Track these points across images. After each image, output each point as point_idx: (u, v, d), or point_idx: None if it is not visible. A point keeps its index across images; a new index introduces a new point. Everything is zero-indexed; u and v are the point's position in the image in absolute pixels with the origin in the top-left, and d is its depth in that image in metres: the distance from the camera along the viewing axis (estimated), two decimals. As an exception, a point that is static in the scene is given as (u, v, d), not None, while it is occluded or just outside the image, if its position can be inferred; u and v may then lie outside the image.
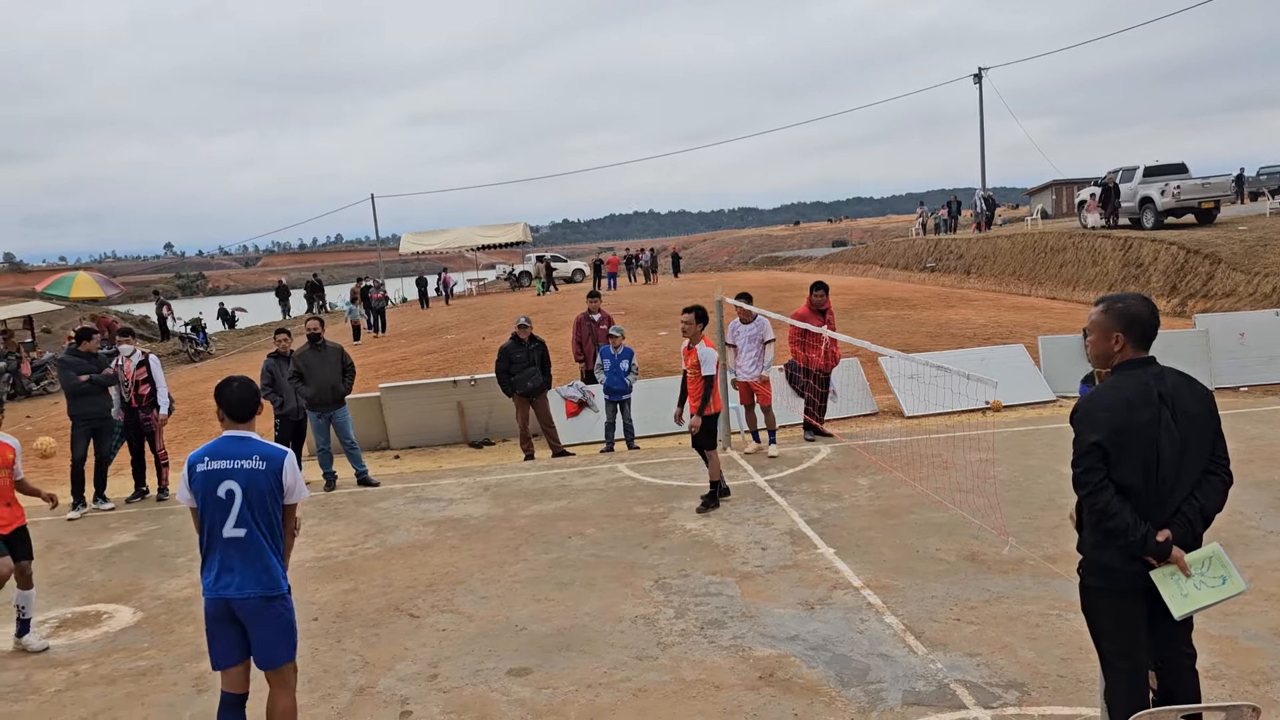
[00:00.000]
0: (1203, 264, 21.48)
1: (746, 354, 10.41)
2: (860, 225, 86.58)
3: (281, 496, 4.30)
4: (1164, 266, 22.68)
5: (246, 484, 4.20)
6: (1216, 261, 21.13)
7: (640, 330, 21.56)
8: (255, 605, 4.21)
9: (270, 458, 4.26)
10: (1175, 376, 3.59)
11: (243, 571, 4.21)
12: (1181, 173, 27.06)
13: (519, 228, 51.38)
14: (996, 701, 4.74)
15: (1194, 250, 22.12)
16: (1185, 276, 21.72)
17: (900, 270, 38.72)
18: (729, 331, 10.60)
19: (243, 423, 4.34)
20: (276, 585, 4.25)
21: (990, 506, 7.46)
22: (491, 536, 8.10)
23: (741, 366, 10.44)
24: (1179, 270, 22.06)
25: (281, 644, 4.31)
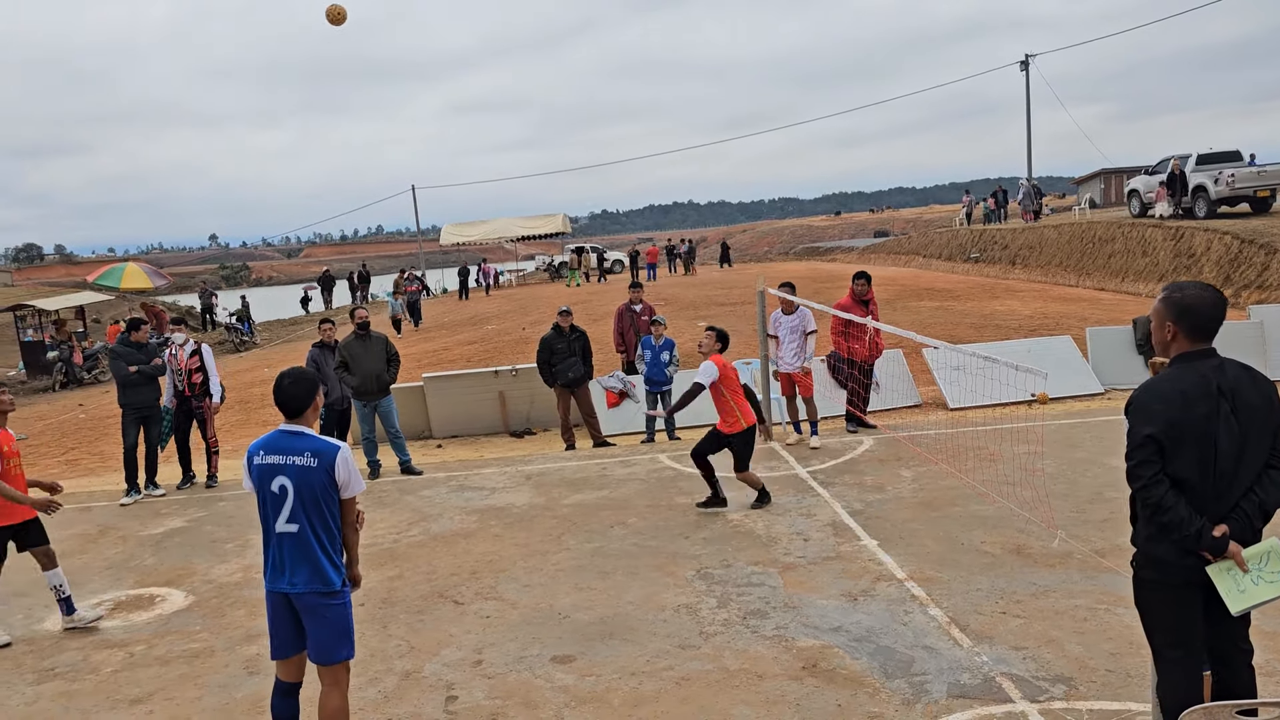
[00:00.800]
0: (1258, 254, 21.00)
1: (789, 345, 10.36)
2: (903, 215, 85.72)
3: (337, 492, 4.26)
4: (1217, 257, 22.21)
5: (298, 480, 4.19)
6: (1272, 251, 20.64)
7: (680, 321, 21.53)
8: (310, 601, 4.23)
9: (323, 454, 4.22)
10: (1236, 369, 3.52)
11: (295, 567, 4.22)
12: (1236, 160, 26.47)
13: (559, 219, 51.51)
14: (1043, 695, 4.69)
15: (1248, 240, 21.62)
16: (1239, 267, 21.25)
17: (944, 261, 38.28)
18: (771, 322, 10.55)
19: (296, 417, 4.33)
20: (329, 582, 4.23)
21: (1037, 499, 7.36)
22: (534, 525, 8.15)
23: (784, 358, 10.40)
24: (1233, 260, 21.59)
25: (335, 641, 4.28)
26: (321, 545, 4.23)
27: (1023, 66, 46.16)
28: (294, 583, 4.22)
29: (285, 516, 4.23)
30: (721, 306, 24.60)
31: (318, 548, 4.22)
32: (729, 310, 23.54)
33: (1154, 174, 28.61)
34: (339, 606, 4.27)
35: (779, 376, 10.53)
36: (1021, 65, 46.22)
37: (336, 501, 4.28)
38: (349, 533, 4.38)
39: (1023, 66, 46.16)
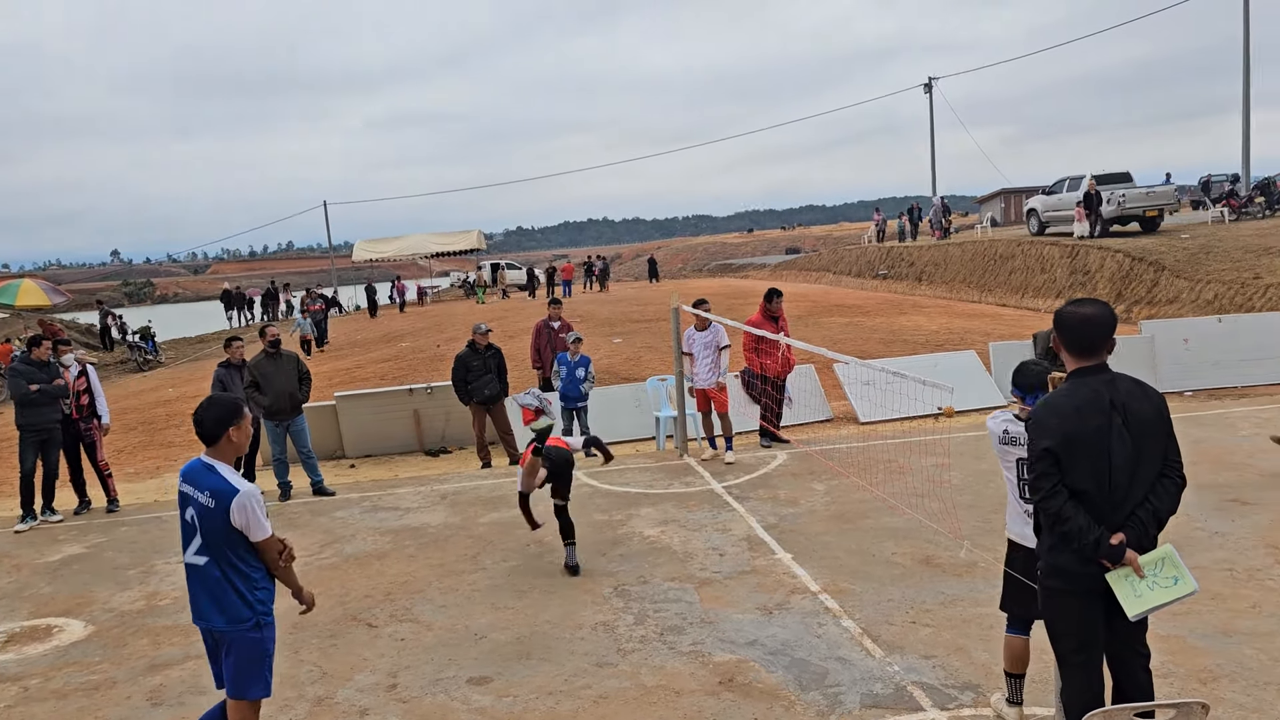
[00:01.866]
0: (1147, 271, 21.99)
1: (703, 361, 10.46)
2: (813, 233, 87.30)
3: (239, 534, 4.06)
4: (1110, 274, 23.17)
5: (201, 517, 4.05)
6: (1161, 269, 21.64)
7: (595, 337, 21.56)
8: (220, 635, 4.11)
9: (220, 496, 4.00)
10: (1128, 383, 3.67)
11: (205, 600, 4.10)
12: (1127, 181, 27.68)
13: (473, 235, 51.17)
14: (952, 703, 4.82)
15: (1139, 258, 22.63)
16: (1130, 284, 22.21)
17: (853, 277, 39.12)
18: (685, 340, 10.64)
19: (211, 446, 4.15)
20: (237, 619, 4.06)
21: (945, 511, 7.57)
22: (449, 545, 8.06)
23: (699, 374, 10.49)
24: (1125, 277, 22.56)
25: (246, 678, 4.12)
26: (230, 581, 4.06)
27: (926, 89, 47.60)
28: (204, 616, 4.12)
29: (193, 549, 4.11)
30: (637, 323, 24.70)
31: (224, 584, 4.06)
32: (644, 327, 23.67)
33: (1050, 193, 29.74)
34: (250, 645, 4.11)
35: (694, 393, 10.63)
36: (925, 88, 47.65)
37: (245, 541, 4.09)
38: (275, 570, 4.21)
39: (926, 89, 47.60)
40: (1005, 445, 4.47)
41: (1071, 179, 28.82)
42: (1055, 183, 29.86)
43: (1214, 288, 19.58)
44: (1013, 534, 4.55)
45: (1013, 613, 4.59)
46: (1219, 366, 13.14)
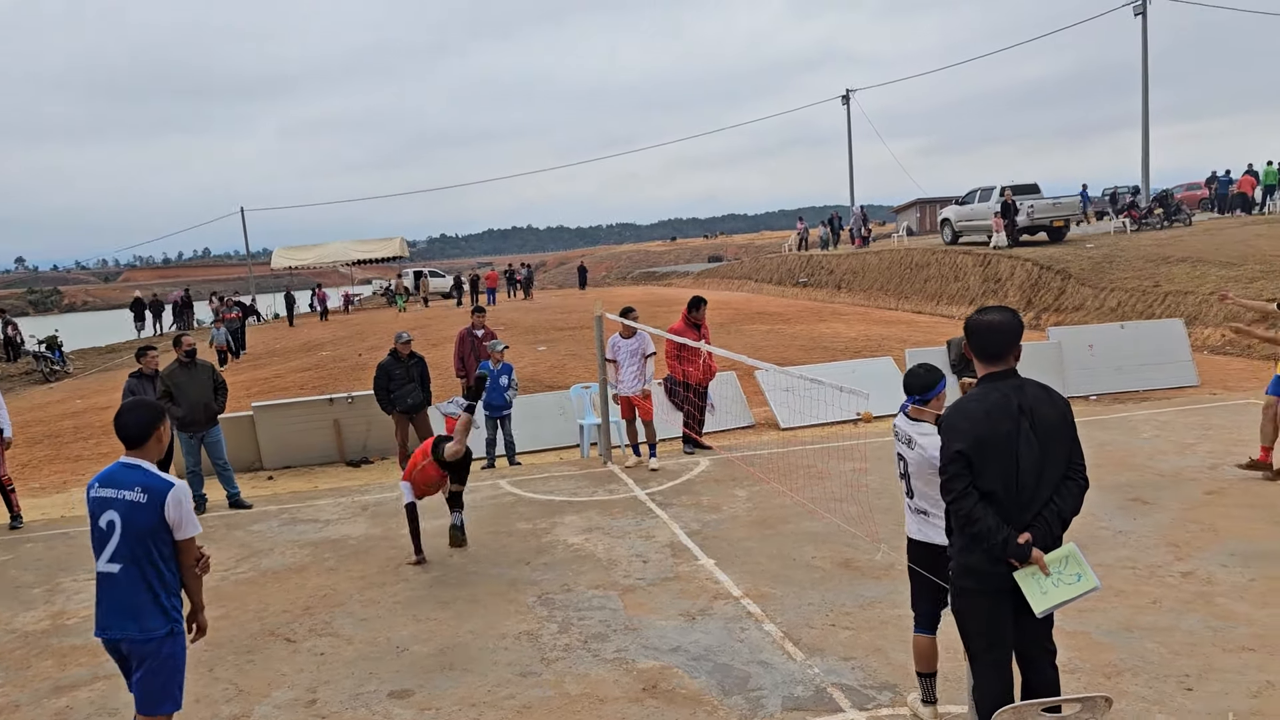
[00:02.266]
0: (1055, 279, 22.75)
1: (629, 369, 10.50)
2: (735, 241, 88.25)
3: (169, 532, 4.00)
4: (1020, 282, 23.91)
5: (126, 516, 3.95)
6: (1067, 277, 22.40)
7: (520, 345, 21.47)
8: (130, 648, 4.00)
9: (153, 490, 3.96)
10: (1035, 388, 3.81)
11: (116, 610, 3.99)
12: (1035, 193, 28.60)
13: (396, 242, 50.58)
14: (871, 703, 4.92)
15: (1047, 266, 23.40)
16: (1039, 291, 22.95)
17: (774, 285, 39.65)
18: (609, 347, 10.67)
19: (136, 448, 4.08)
20: (149, 629, 3.97)
21: (862, 514, 7.72)
22: (370, 557, 7.95)
23: (624, 381, 10.53)
24: (1034, 285, 23.30)
25: (157, 693, 4.02)
26: (148, 587, 3.97)
27: (844, 101, 48.54)
28: (112, 627, 4.00)
29: (107, 555, 3.99)
30: (561, 331, 24.68)
31: (141, 590, 3.97)
32: (568, 334, 23.65)
33: (963, 204, 30.57)
34: (163, 657, 4.02)
35: (619, 400, 10.66)
36: (843, 100, 48.60)
37: (168, 542, 4.02)
38: (188, 577, 4.12)
39: (844, 101, 48.54)
40: (902, 444, 4.63)
41: (983, 190, 29.68)
42: (968, 193, 30.71)
43: (1117, 295, 20.35)
44: (910, 527, 4.70)
45: (919, 609, 4.71)
46: (1121, 371, 13.65)
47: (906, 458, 4.59)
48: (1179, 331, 14.34)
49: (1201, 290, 18.62)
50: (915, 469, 4.55)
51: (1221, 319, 17.44)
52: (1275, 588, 6.05)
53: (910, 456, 4.56)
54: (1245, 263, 19.63)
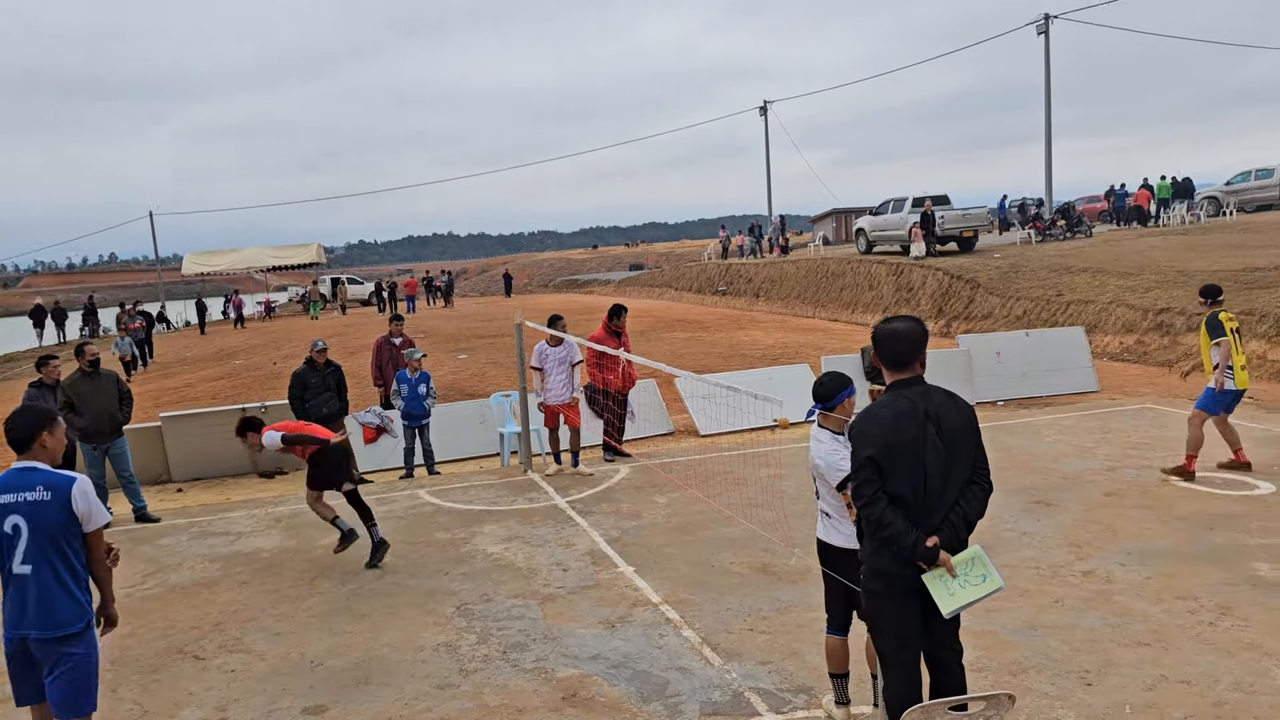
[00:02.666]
0: (964, 288, 23.40)
1: (557, 376, 10.47)
2: (656, 249, 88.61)
3: (77, 526, 4.04)
4: (931, 290, 24.54)
5: (32, 517, 3.96)
6: (976, 286, 23.06)
7: (440, 353, 21.26)
8: (48, 647, 3.99)
9: (57, 486, 4.01)
10: (941, 394, 3.93)
11: (33, 610, 3.98)
12: (946, 204, 29.38)
13: (312, 248, 49.63)
14: (787, 706, 5.00)
15: (957, 276, 24.06)
16: (949, 300, 23.58)
17: (694, 293, 39.97)
18: (537, 355, 10.59)
19: (25, 452, 4.09)
20: (68, 625, 4.01)
21: (778, 520, 7.84)
22: (284, 570, 7.79)
23: (552, 389, 10.47)
24: (944, 294, 23.93)
25: (76, 692, 4.05)
26: (61, 584, 4.00)
27: (761, 112, 49.25)
28: (32, 627, 3.98)
29: (18, 559, 3.98)
30: (482, 339, 24.51)
31: (56, 584, 3.99)
32: (489, 342, 23.50)
33: (877, 214, 31.27)
34: (79, 655, 4.05)
35: (545, 408, 10.59)
36: (761, 111, 49.29)
37: (78, 535, 4.06)
38: (98, 570, 4.16)
39: (761, 112, 49.25)
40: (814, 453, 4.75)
41: (895, 200, 30.39)
42: (881, 204, 31.42)
43: (1023, 304, 21.02)
44: (820, 529, 4.81)
45: (831, 610, 4.80)
46: (1026, 378, 14.10)
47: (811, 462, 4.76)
48: (1080, 339, 14.88)
49: (1101, 299, 19.35)
50: (815, 473, 4.71)
51: (1120, 328, 18.16)
52: (1168, 584, 6.32)
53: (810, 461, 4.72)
54: (1141, 273, 20.46)
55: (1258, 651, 5.28)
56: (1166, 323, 17.30)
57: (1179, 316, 17.15)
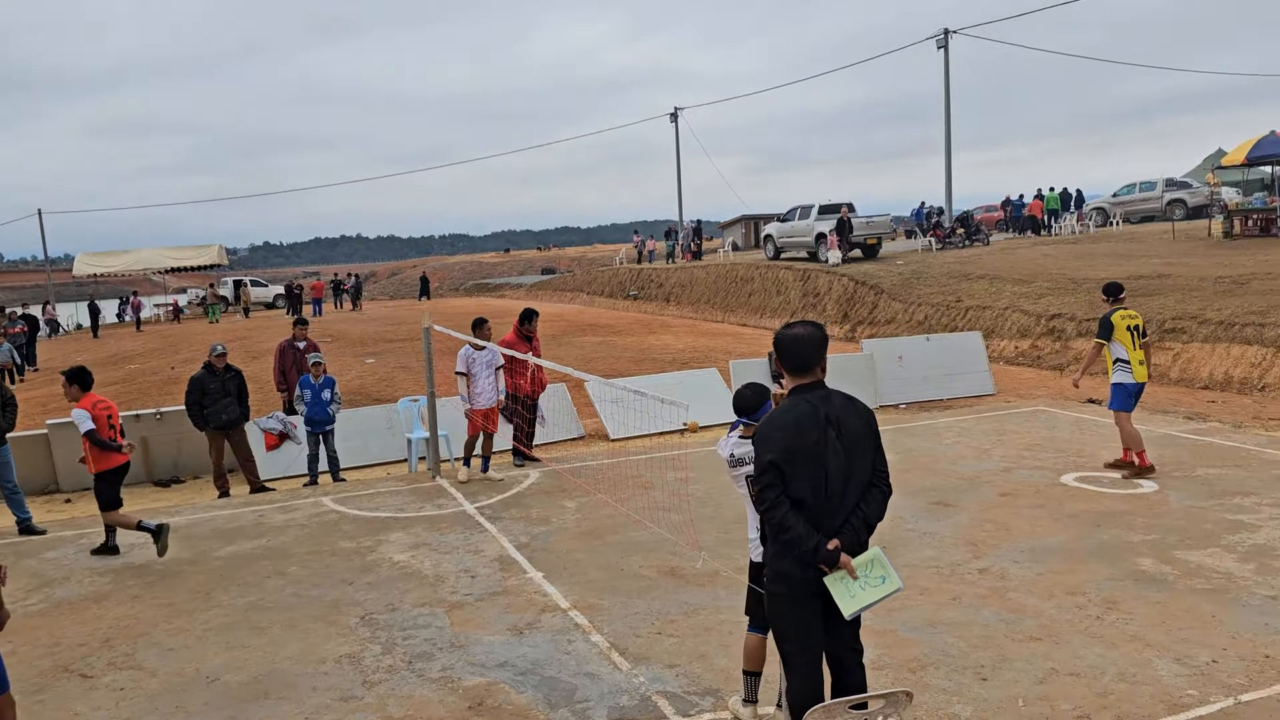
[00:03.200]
0: (868, 294, 23.94)
1: (486, 381, 10.34)
2: (568, 254, 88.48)
3: None
4: (837, 296, 25.04)
5: None
6: (880, 292, 23.62)
7: (347, 358, 20.86)
8: None
9: None
10: (841, 399, 4.00)
11: None
12: (850, 211, 30.02)
13: (213, 250, 48.21)
14: (694, 709, 5.04)
15: (861, 282, 24.61)
16: (854, 305, 24.10)
17: (606, 298, 40.03)
18: (461, 361, 10.37)
19: None
20: None
21: (687, 523, 7.90)
22: (179, 582, 7.53)
23: (482, 394, 10.33)
24: (849, 300, 24.44)
25: None
26: None
27: (672, 118, 49.60)
28: None
29: None
30: (390, 343, 24.13)
31: None
32: (398, 346, 23.15)
33: (785, 220, 31.78)
34: None
35: (474, 414, 10.40)
36: (671, 117, 49.65)
37: None
38: None
39: (672, 118, 49.60)
40: (734, 468, 4.74)
41: (802, 207, 30.94)
42: (789, 210, 31.94)
43: (924, 309, 21.60)
44: (753, 552, 4.76)
45: (754, 614, 4.80)
46: (927, 381, 14.50)
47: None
48: (978, 344, 15.36)
49: (998, 305, 20.01)
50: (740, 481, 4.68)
51: (1015, 332, 18.81)
52: (1059, 581, 6.57)
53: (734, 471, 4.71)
54: (1035, 280, 21.22)
55: (1140, 643, 5.52)
56: (1058, 328, 17.99)
57: (1070, 322, 17.85)
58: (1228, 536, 7.30)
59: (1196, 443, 10.54)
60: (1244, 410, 12.55)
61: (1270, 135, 25.67)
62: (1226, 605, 6.01)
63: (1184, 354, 15.19)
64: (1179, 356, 15.17)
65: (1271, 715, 4.67)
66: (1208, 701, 4.82)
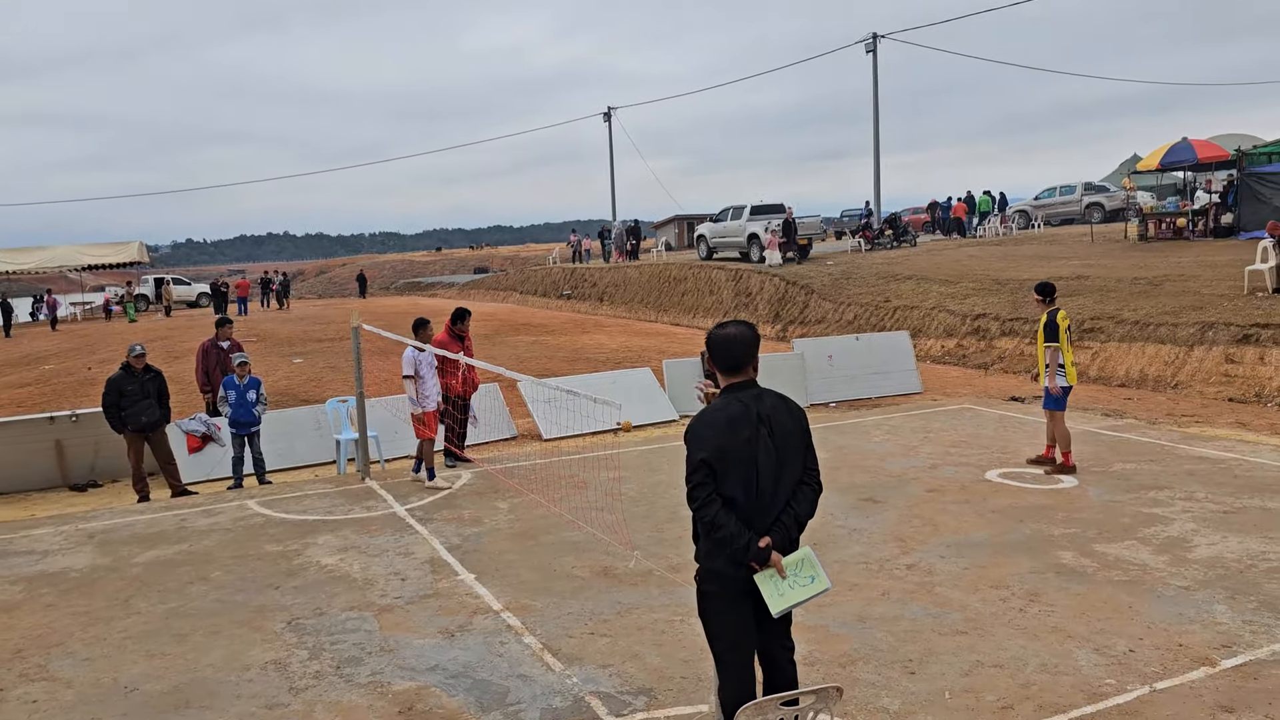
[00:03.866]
0: (799, 294, 24.23)
1: (431, 382, 10.14)
2: (501, 253, 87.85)
3: None
4: (769, 296, 25.29)
5: None
6: (810, 292, 23.91)
7: (274, 358, 20.46)
8: None
9: None
10: (773, 397, 4.03)
11: None
12: (781, 212, 30.34)
13: (133, 246, 46.86)
14: (627, 709, 5.03)
15: (792, 282, 24.89)
16: (786, 305, 24.36)
17: (539, 297, 39.87)
18: (409, 363, 10.03)
19: None
20: None
21: (619, 523, 7.89)
22: (96, 590, 7.29)
23: (430, 396, 10.10)
24: (781, 299, 24.70)
25: None
26: None
27: (606, 118, 49.58)
28: None
29: None
30: (319, 342, 23.73)
31: None
32: (327, 346, 22.78)
33: (717, 221, 31.98)
34: None
35: (429, 416, 10.15)
36: (605, 117, 49.63)
37: None
38: None
39: (606, 118, 49.58)
40: None
41: (735, 208, 31.17)
42: (721, 211, 32.16)
43: (853, 309, 21.93)
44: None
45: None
46: (856, 380, 14.71)
47: None
48: (905, 343, 15.64)
49: (925, 305, 20.39)
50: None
51: (941, 332, 19.18)
52: (983, 575, 6.71)
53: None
54: (961, 280, 21.68)
55: (1062, 634, 5.67)
56: (983, 327, 18.40)
57: (994, 322, 18.27)
58: (1143, 529, 7.54)
59: (1114, 439, 10.87)
60: (1158, 407, 12.98)
61: (1182, 141, 26.61)
62: (1142, 596, 6.20)
63: (1102, 353, 15.65)
64: (1098, 355, 15.63)
65: (1184, 702, 4.83)
66: (1125, 690, 4.97)
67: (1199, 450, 10.16)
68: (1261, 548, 7.00)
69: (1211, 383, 13.76)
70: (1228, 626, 5.69)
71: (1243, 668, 5.17)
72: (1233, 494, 8.43)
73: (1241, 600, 6.07)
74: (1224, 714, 4.69)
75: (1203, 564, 6.73)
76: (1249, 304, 15.24)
